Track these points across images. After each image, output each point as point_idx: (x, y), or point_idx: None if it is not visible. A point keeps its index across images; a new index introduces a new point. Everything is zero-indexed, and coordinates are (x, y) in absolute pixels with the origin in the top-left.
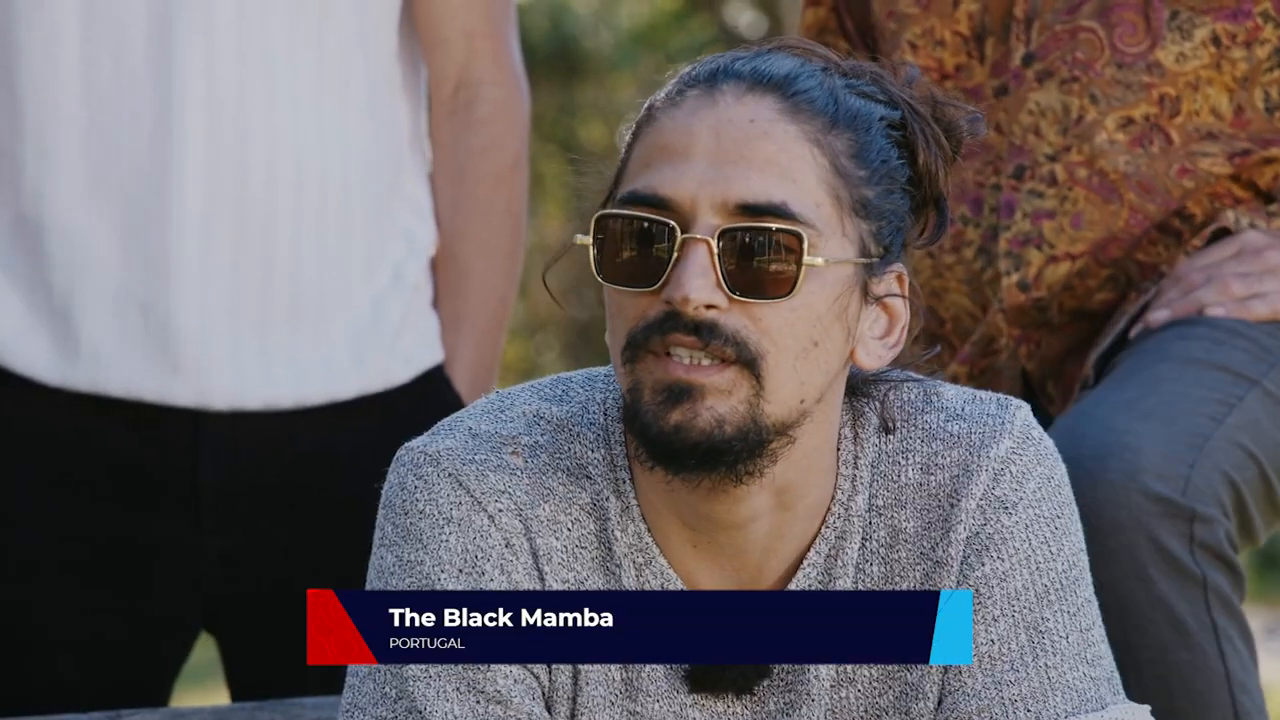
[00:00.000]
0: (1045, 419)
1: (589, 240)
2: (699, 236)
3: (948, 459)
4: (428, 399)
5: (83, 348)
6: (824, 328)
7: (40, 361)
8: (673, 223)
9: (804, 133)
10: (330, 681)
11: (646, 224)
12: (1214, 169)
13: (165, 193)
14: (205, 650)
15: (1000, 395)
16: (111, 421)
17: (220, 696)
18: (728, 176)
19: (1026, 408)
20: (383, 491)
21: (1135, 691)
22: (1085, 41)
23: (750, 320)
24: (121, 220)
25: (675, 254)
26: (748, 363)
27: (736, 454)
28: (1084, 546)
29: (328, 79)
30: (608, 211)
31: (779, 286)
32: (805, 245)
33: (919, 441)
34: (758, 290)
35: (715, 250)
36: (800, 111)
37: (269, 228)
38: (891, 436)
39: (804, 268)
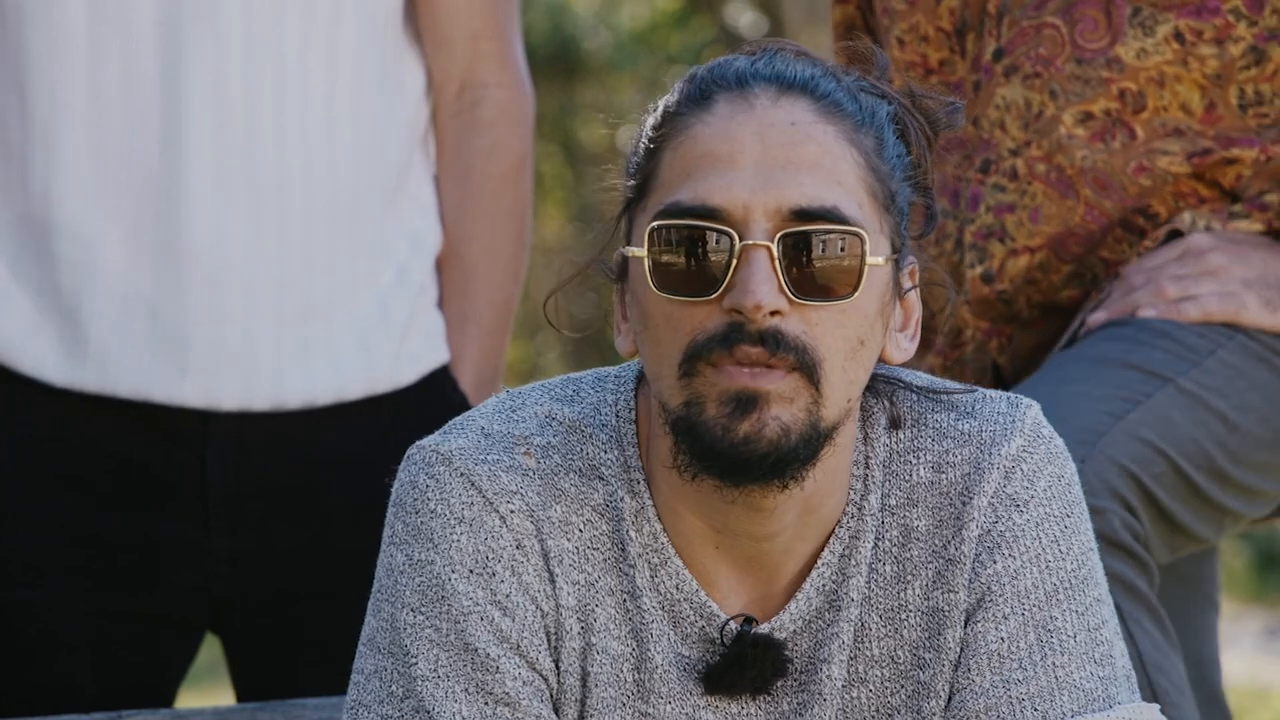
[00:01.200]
0: None
1: (643, 253)
2: (760, 243)
3: (959, 457)
4: (434, 399)
5: (91, 348)
6: (869, 326)
7: (48, 362)
8: (731, 231)
9: (840, 133)
10: (333, 683)
11: (704, 233)
12: (1171, 168)
13: (173, 193)
14: (208, 651)
15: (1010, 394)
16: (119, 422)
17: (221, 697)
18: (779, 182)
19: (1036, 406)
20: (393, 490)
21: None
22: (1048, 38)
23: (808, 325)
24: (130, 221)
25: (734, 261)
26: (807, 370)
27: (801, 461)
28: (1094, 545)
29: (334, 79)
30: (662, 223)
31: (842, 288)
32: (866, 246)
33: (930, 440)
34: (820, 293)
35: (776, 255)
36: (832, 113)
37: (277, 228)
38: (902, 435)
39: (866, 268)
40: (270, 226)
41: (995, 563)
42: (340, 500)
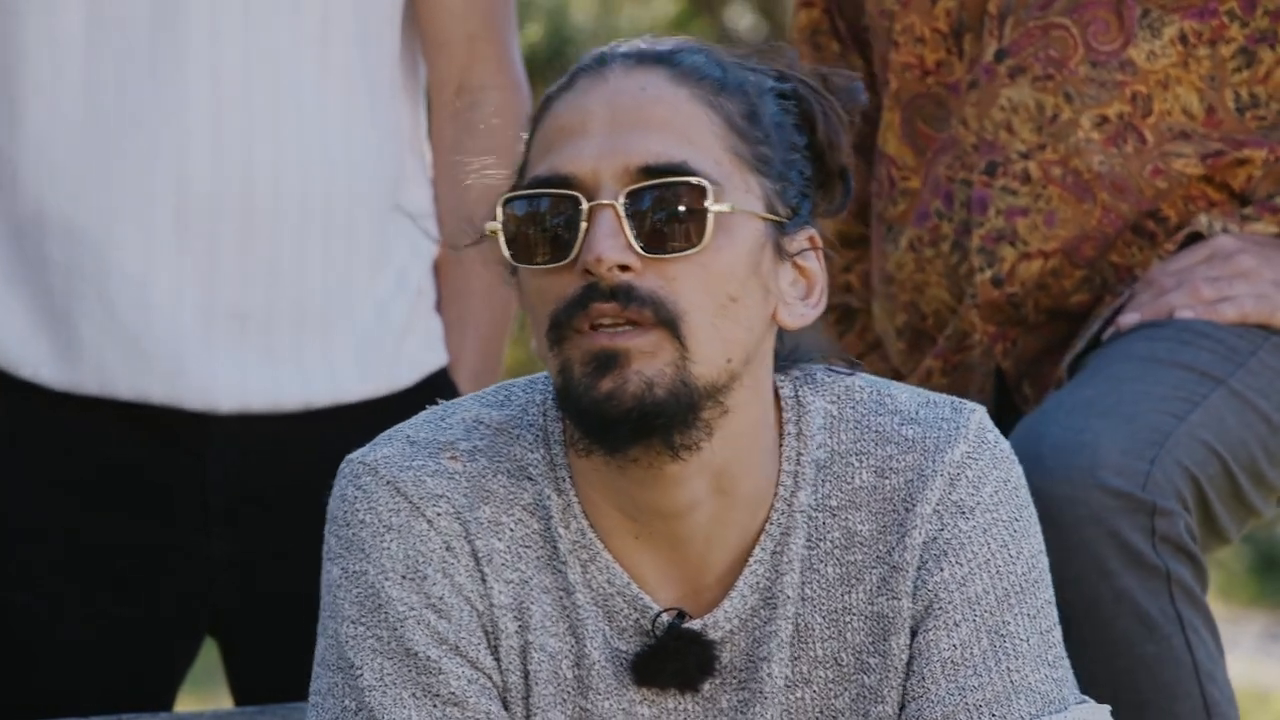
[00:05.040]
0: (1021, 418)
1: (497, 226)
2: (605, 202)
3: (902, 463)
4: (433, 402)
5: (87, 352)
6: (740, 283)
7: (46, 366)
8: (578, 194)
9: (695, 95)
10: None
11: (553, 200)
12: (1187, 169)
13: (170, 197)
14: (205, 655)
15: (954, 399)
16: (119, 426)
17: (219, 700)
18: (626, 143)
19: (981, 410)
20: (328, 505)
21: (1104, 686)
22: (1058, 39)
23: (665, 280)
24: (126, 225)
25: (584, 224)
26: (668, 323)
27: (670, 418)
28: (1043, 548)
29: (332, 83)
30: (513, 194)
31: (688, 239)
32: (710, 195)
33: (872, 444)
34: (668, 245)
35: (622, 213)
36: (687, 77)
37: (275, 232)
38: (843, 436)
39: (710, 215)
40: (267, 230)
41: (942, 570)
42: None
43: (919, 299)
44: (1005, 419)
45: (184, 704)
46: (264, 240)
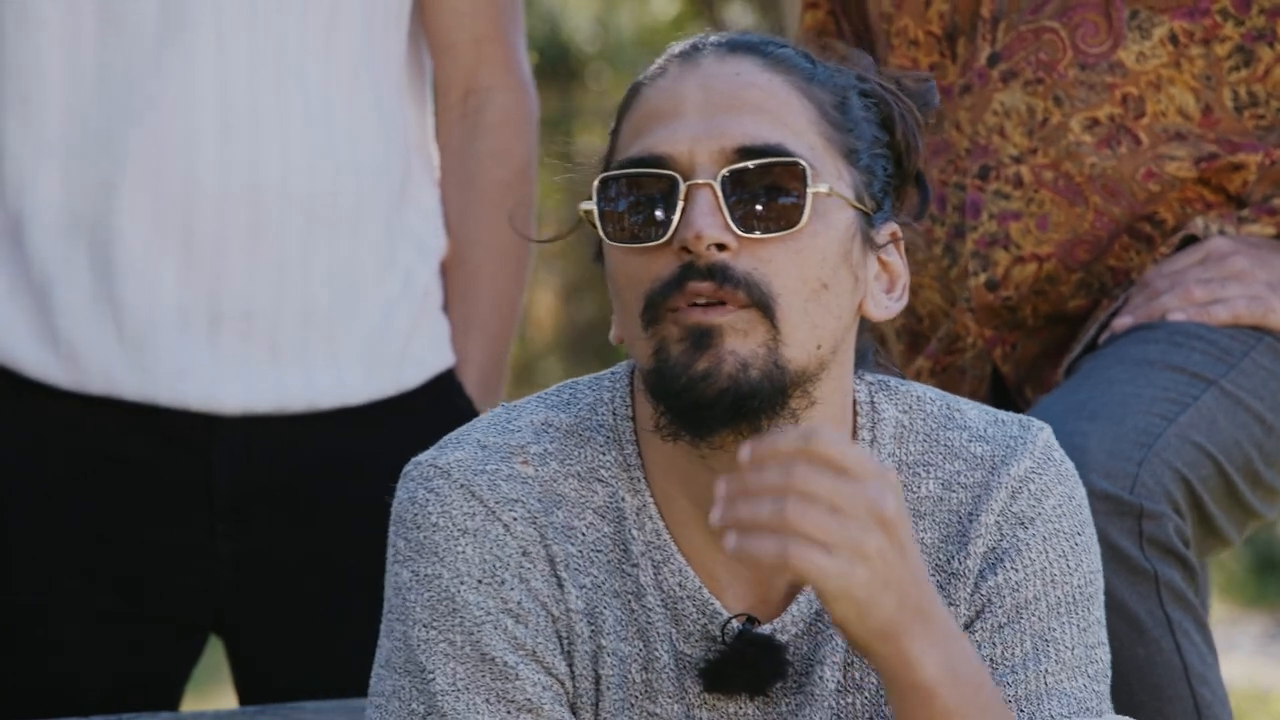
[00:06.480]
0: None
1: (592, 205)
2: (703, 181)
3: (970, 479)
4: (439, 403)
5: (92, 352)
6: (831, 269)
7: (51, 366)
8: (675, 174)
9: (789, 82)
10: (335, 686)
11: (649, 179)
12: (1179, 173)
13: (177, 198)
14: (209, 654)
15: (1023, 417)
16: (123, 425)
17: (223, 700)
18: (721, 125)
19: (1048, 430)
20: (393, 507)
21: None
22: (1048, 42)
23: (759, 263)
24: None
25: (682, 203)
26: (762, 305)
27: (762, 400)
28: (1100, 568)
29: (338, 84)
30: (610, 174)
31: (786, 219)
32: (809, 175)
33: (940, 457)
34: (765, 225)
35: (719, 192)
36: (780, 65)
37: (281, 233)
38: (911, 448)
39: (810, 196)
40: (273, 231)
41: (997, 575)
42: (345, 504)
43: (914, 301)
44: None
45: (187, 703)
46: (270, 241)
